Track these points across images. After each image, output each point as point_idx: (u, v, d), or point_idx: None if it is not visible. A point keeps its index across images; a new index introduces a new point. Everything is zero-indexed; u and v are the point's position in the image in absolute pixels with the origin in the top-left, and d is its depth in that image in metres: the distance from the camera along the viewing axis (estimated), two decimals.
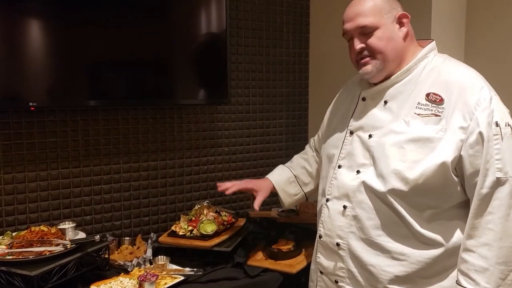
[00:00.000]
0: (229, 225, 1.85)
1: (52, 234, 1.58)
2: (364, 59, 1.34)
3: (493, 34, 1.89)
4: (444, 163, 1.23)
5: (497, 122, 1.22)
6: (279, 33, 2.39)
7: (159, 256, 1.71)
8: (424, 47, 1.38)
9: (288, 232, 1.92)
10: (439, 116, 1.26)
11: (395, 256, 1.31)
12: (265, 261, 1.74)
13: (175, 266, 1.69)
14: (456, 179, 1.27)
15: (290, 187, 1.72)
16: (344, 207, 1.37)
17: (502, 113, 1.25)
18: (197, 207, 1.94)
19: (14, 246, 1.51)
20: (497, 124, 1.22)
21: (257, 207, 1.64)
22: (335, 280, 1.42)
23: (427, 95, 1.30)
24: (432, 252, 1.29)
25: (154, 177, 2.10)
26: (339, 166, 1.41)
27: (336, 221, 1.39)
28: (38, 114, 1.82)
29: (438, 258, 1.30)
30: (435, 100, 1.28)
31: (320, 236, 1.45)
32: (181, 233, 1.79)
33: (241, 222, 1.93)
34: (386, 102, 1.36)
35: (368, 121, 1.38)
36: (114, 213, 2.02)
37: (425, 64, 1.35)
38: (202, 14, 2.00)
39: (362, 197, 1.34)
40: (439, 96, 1.28)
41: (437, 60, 1.36)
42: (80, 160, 1.92)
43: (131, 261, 1.71)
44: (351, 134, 1.41)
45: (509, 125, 1.24)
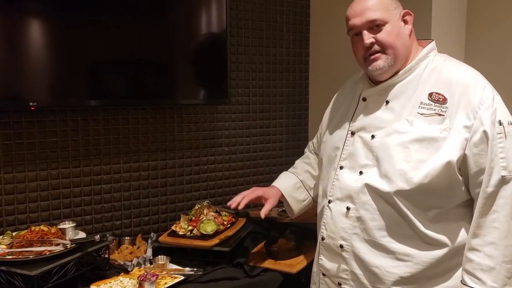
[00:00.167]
0: (229, 225, 1.85)
1: (52, 233, 1.58)
2: (374, 54, 1.31)
3: (493, 33, 1.89)
4: (449, 163, 1.23)
5: (500, 121, 1.23)
6: (279, 33, 2.39)
7: (159, 256, 1.71)
8: (424, 47, 1.38)
9: (288, 232, 1.92)
10: (442, 115, 1.26)
11: (400, 257, 1.30)
12: (265, 261, 1.74)
13: (175, 266, 1.69)
14: (461, 178, 1.27)
15: (298, 193, 1.67)
16: (348, 208, 1.36)
17: (504, 112, 1.26)
18: (197, 207, 1.94)
19: (14, 245, 1.51)
20: (500, 123, 1.23)
21: (263, 215, 1.58)
22: (339, 283, 1.41)
23: (430, 95, 1.30)
24: (437, 253, 1.29)
25: (154, 176, 2.10)
26: (341, 167, 1.40)
27: (339, 222, 1.38)
28: (38, 114, 1.82)
29: (442, 258, 1.29)
30: (438, 99, 1.28)
31: (322, 238, 1.44)
32: (181, 233, 1.79)
33: (241, 222, 1.93)
34: (387, 102, 1.35)
35: (370, 121, 1.37)
36: (114, 212, 2.02)
37: (426, 64, 1.35)
38: (202, 14, 2.01)
39: (366, 198, 1.32)
40: (442, 96, 1.28)
41: (438, 59, 1.36)
42: (80, 159, 1.92)
43: (131, 260, 1.71)
44: (353, 134, 1.40)
45: (511, 124, 1.25)
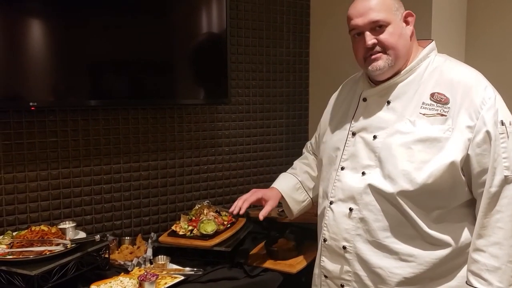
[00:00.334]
0: (229, 225, 1.86)
1: (52, 233, 1.58)
2: (375, 54, 1.31)
3: (493, 33, 1.89)
4: (453, 163, 1.23)
5: (502, 121, 1.24)
6: (279, 33, 2.39)
7: (159, 256, 1.71)
8: (424, 47, 1.37)
9: (288, 232, 1.92)
10: (445, 116, 1.26)
11: (403, 258, 1.30)
12: (265, 261, 1.74)
13: (175, 266, 1.69)
14: (464, 178, 1.27)
15: (297, 194, 1.66)
16: (350, 209, 1.35)
17: (506, 112, 1.27)
18: (197, 207, 1.94)
19: (14, 245, 1.52)
20: (502, 123, 1.23)
21: (262, 217, 1.58)
22: (341, 284, 1.40)
23: (432, 95, 1.29)
24: (440, 253, 1.29)
25: (155, 176, 2.10)
26: (342, 168, 1.39)
27: (341, 224, 1.37)
28: (38, 114, 1.82)
29: (445, 258, 1.29)
30: (440, 100, 1.28)
31: (324, 240, 1.43)
32: (181, 233, 1.79)
33: (241, 222, 1.93)
34: (389, 102, 1.35)
35: (371, 121, 1.36)
36: (114, 212, 2.02)
37: (427, 64, 1.35)
38: (202, 14, 2.01)
39: (369, 199, 1.32)
40: (444, 96, 1.28)
41: (439, 60, 1.36)
42: (81, 159, 1.92)
43: (131, 260, 1.71)
44: (353, 135, 1.39)
45: None
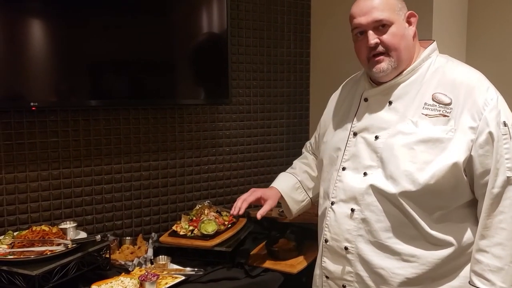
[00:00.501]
0: (230, 225, 1.86)
1: (53, 233, 1.59)
2: (378, 56, 1.30)
3: (494, 33, 1.89)
4: (456, 164, 1.23)
5: (505, 122, 1.24)
6: (280, 33, 2.39)
7: (160, 256, 1.71)
8: (425, 47, 1.37)
9: (289, 232, 1.92)
10: (447, 116, 1.26)
11: (405, 258, 1.30)
12: (266, 261, 1.74)
13: (176, 266, 1.69)
14: (466, 179, 1.27)
15: (296, 194, 1.66)
16: (352, 210, 1.35)
17: (508, 113, 1.27)
18: (198, 207, 1.94)
19: (15, 245, 1.52)
20: (505, 124, 1.23)
21: (260, 216, 1.58)
22: (343, 285, 1.40)
23: (434, 96, 1.29)
24: (442, 253, 1.29)
25: (155, 177, 2.10)
26: (343, 168, 1.39)
27: (343, 224, 1.37)
28: (39, 114, 1.82)
29: (447, 258, 1.29)
30: (442, 100, 1.28)
31: (326, 240, 1.42)
32: (182, 233, 1.79)
33: (242, 222, 1.93)
34: (390, 103, 1.34)
35: (372, 122, 1.36)
36: (115, 212, 2.02)
37: (429, 65, 1.34)
38: (203, 14, 2.01)
39: (371, 199, 1.32)
40: (447, 97, 1.28)
41: (440, 60, 1.36)
42: (82, 160, 1.92)
43: (132, 260, 1.71)
44: (355, 135, 1.39)
45: None
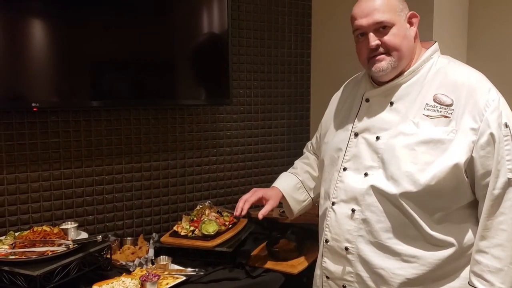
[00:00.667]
0: (230, 226, 1.86)
1: (54, 234, 1.59)
2: (378, 56, 1.31)
3: (495, 34, 1.89)
4: (457, 165, 1.23)
5: (506, 123, 1.23)
6: (280, 33, 2.39)
7: (161, 256, 1.71)
8: (427, 48, 1.37)
9: (289, 232, 1.92)
10: (448, 117, 1.26)
11: (406, 259, 1.30)
12: (267, 261, 1.74)
13: (177, 266, 1.70)
14: (466, 180, 1.27)
15: (298, 194, 1.66)
16: (353, 210, 1.35)
17: (509, 114, 1.27)
18: (198, 207, 1.94)
19: (16, 246, 1.52)
20: (506, 126, 1.23)
21: (261, 216, 1.56)
22: (343, 285, 1.40)
23: (435, 97, 1.29)
24: (442, 254, 1.29)
25: (156, 177, 2.10)
26: (344, 169, 1.39)
27: (344, 225, 1.37)
28: (40, 115, 1.82)
29: (448, 259, 1.29)
30: (444, 101, 1.28)
31: (326, 241, 1.42)
32: (183, 233, 1.79)
33: (243, 223, 1.93)
34: (392, 103, 1.34)
35: (374, 122, 1.36)
36: (116, 213, 2.02)
37: (430, 65, 1.34)
38: (204, 14, 2.01)
39: (372, 200, 1.32)
40: (448, 98, 1.28)
41: (442, 61, 1.36)
42: (83, 160, 1.92)
43: (133, 261, 1.72)
44: (356, 136, 1.39)
45: None
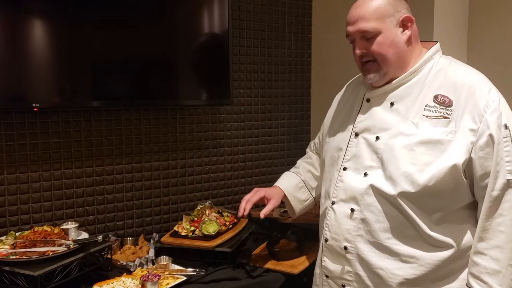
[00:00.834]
0: (231, 226, 1.86)
1: (55, 234, 1.59)
2: (367, 65, 1.34)
3: (495, 35, 1.89)
4: (455, 166, 1.23)
5: (506, 124, 1.23)
6: (281, 33, 2.39)
7: (162, 256, 1.71)
8: (428, 48, 1.37)
9: (290, 232, 1.92)
10: (448, 118, 1.26)
11: (404, 259, 1.30)
12: (267, 261, 1.74)
13: (177, 266, 1.70)
14: (465, 181, 1.26)
15: (300, 193, 1.66)
16: (352, 210, 1.35)
17: (510, 115, 1.26)
18: (199, 208, 1.94)
19: (17, 246, 1.52)
20: (506, 127, 1.23)
21: (263, 215, 1.56)
22: (342, 284, 1.40)
23: (435, 97, 1.29)
24: (441, 254, 1.29)
25: (157, 177, 2.10)
26: (344, 169, 1.39)
27: (343, 224, 1.37)
28: (41, 115, 1.82)
29: (447, 260, 1.29)
30: (443, 102, 1.28)
31: (326, 240, 1.43)
32: (183, 234, 1.79)
33: (243, 223, 1.93)
34: (392, 104, 1.34)
35: (374, 122, 1.36)
36: (116, 213, 2.02)
37: (431, 66, 1.34)
38: (204, 14, 2.01)
39: (371, 200, 1.32)
40: (448, 98, 1.28)
41: (443, 62, 1.35)
42: (83, 160, 1.93)
43: (134, 261, 1.72)
44: (356, 136, 1.39)
45: None
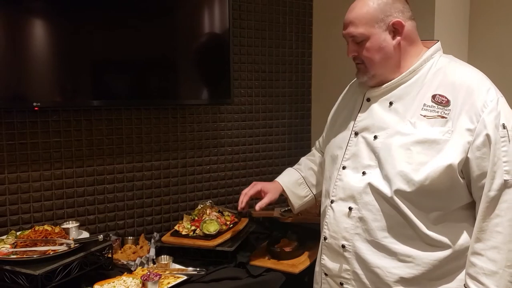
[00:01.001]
0: (231, 225, 1.86)
1: (56, 233, 1.59)
2: (358, 65, 1.39)
3: (496, 34, 1.89)
4: (450, 165, 1.23)
5: (504, 124, 1.22)
6: (282, 33, 2.39)
7: (162, 256, 1.72)
8: (429, 47, 1.36)
9: (290, 232, 1.92)
10: (445, 118, 1.26)
11: (401, 258, 1.30)
12: (268, 261, 1.75)
13: (178, 266, 1.70)
14: (462, 181, 1.26)
15: (299, 189, 1.69)
16: (350, 208, 1.36)
17: (509, 115, 1.25)
18: (200, 207, 1.94)
19: (18, 245, 1.52)
20: (504, 126, 1.22)
21: (258, 208, 1.60)
22: (340, 282, 1.41)
23: (433, 97, 1.29)
24: (439, 254, 1.29)
25: (157, 177, 2.10)
26: (344, 167, 1.40)
27: (341, 222, 1.38)
28: (42, 114, 1.82)
29: (444, 260, 1.29)
30: (441, 101, 1.28)
31: (325, 238, 1.44)
32: (184, 233, 1.79)
33: (244, 222, 1.93)
34: (391, 103, 1.35)
35: (373, 122, 1.36)
36: (117, 212, 2.02)
37: (430, 65, 1.34)
38: (205, 14, 2.01)
39: (368, 198, 1.32)
40: (445, 98, 1.27)
41: (443, 61, 1.35)
42: (84, 159, 1.93)
43: (134, 260, 1.72)
44: (356, 135, 1.40)
45: None
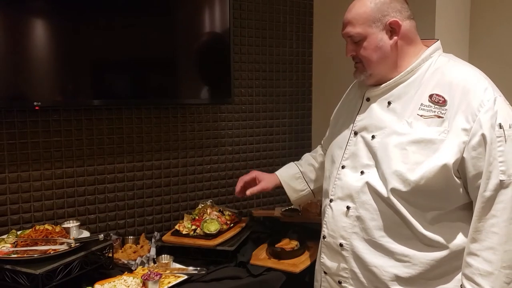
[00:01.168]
0: (232, 224, 1.86)
1: (56, 233, 1.59)
2: (356, 64, 1.40)
3: (497, 33, 1.89)
4: (445, 165, 1.22)
5: (500, 124, 1.20)
6: (282, 32, 2.39)
7: (163, 255, 1.72)
8: (429, 47, 1.36)
9: (291, 231, 1.92)
10: (441, 117, 1.25)
11: (398, 258, 1.30)
12: (268, 260, 1.75)
13: (178, 265, 1.70)
14: (458, 181, 1.26)
15: (296, 183, 1.74)
16: (348, 207, 1.37)
17: (506, 114, 1.23)
18: (200, 206, 1.95)
19: (19, 244, 1.52)
20: (500, 126, 1.20)
21: (249, 193, 1.70)
22: (339, 281, 1.41)
23: (430, 96, 1.29)
24: (435, 254, 1.29)
25: (158, 176, 2.11)
26: (343, 167, 1.41)
27: (339, 221, 1.39)
28: (42, 113, 1.83)
29: (441, 260, 1.29)
30: (438, 101, 1.27)
31: (324, 237, 1.45)
32: (184, 232, 1.79)
33: (244, 221, 1.94)
34: (390, 103, 1.35)
35: (372, 121, 1.37)
36: (118, 212, 2.02)
37: (429, 64, 1.34)
38: (205, 13, 2.01)
39: (366, 198, 1.33)
40: (442, 98, 1.27)
41: (442, 60, 1.35)
42: (84, 159, 1.93)
43: (135, 260, 1.72)
44: (356, 134, 1.40)
45: None
